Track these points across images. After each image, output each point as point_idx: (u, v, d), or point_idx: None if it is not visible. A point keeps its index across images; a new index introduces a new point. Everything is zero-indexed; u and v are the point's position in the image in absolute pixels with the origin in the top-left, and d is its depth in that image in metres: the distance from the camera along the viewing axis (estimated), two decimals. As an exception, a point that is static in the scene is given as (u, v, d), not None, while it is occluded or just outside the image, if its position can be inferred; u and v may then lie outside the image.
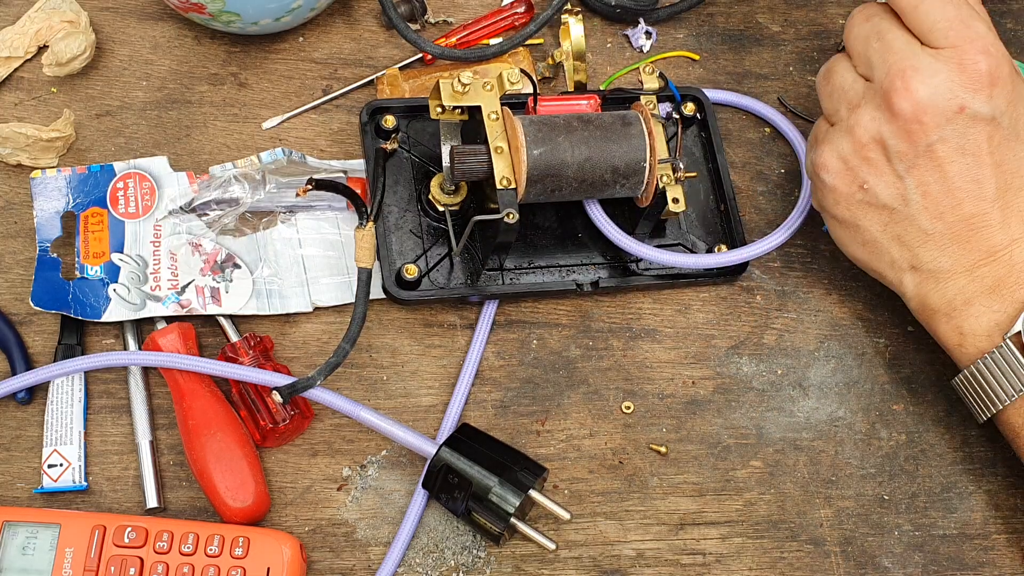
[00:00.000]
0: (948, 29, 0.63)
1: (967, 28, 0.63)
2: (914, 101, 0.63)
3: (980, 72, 0.62)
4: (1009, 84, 0.63)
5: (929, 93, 0.63)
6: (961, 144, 0.63)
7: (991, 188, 0.63)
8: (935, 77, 0.63)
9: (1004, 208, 0.64)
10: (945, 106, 0.63)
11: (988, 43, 0.63)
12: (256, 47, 0.80)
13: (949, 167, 0.63)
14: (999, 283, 0.64)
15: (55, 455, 0.68)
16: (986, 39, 0.63)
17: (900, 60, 0.64)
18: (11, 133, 0.73)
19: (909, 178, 0.64)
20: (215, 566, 0.63)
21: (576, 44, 0.76)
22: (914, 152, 0.64)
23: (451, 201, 0.71)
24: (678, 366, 0.73)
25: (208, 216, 0.73)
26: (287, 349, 0.71)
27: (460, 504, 0.64)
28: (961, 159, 0.63)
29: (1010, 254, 0.64)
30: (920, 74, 0.63)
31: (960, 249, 0.64)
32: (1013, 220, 0.64)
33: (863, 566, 0.69)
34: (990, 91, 0.62)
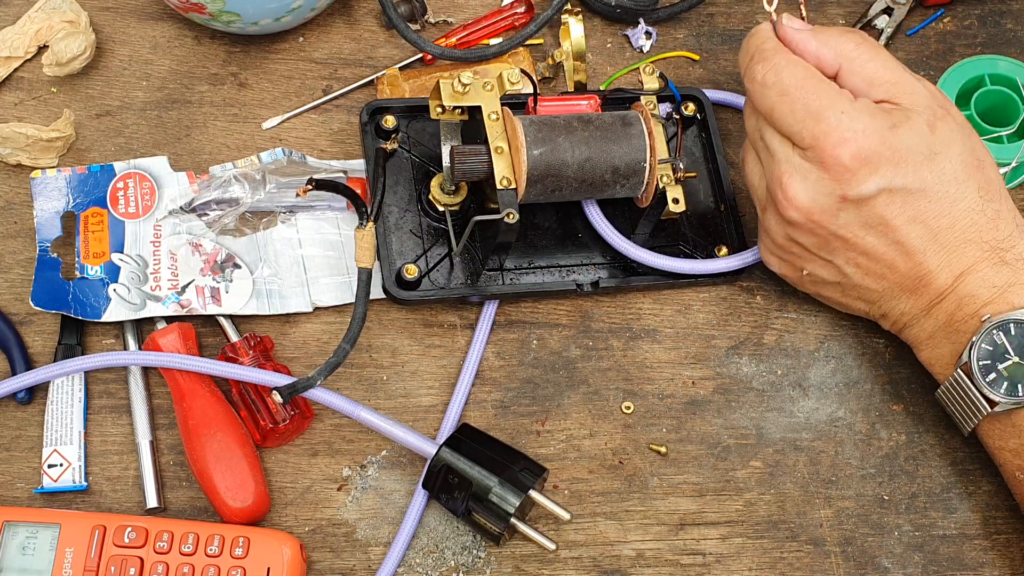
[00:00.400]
0: (802, 130, 0.63)
1: (818, 123, 0.62)
2: (797, 207, 0.64)
3: (843, 164, 0.62)
4: (885, 153, 0.62)
5: (807, 196, 0.64)
6: (863, 222, 0.63)
7: (917, 243, 0.64)
8: (807, 179, 0.63)
9: (939, 251, 0.64)
10: (827, 202, 0.63)
11: (842, 130, 0.62)
12: (256, 47, 0.80)
13: (863, 243, 0.64)
14: (952, 317, 0.64)
15: (55, 455, 0.68)
16: (839, 128, 0.62)
17: (777, 167, 0.65)
18: (11, 133, 0.73)
19: (836, 259, 0.66)
20: (215, 566, 0.63)
21: (576, 44, 0.76)
22: (824, 242, 0.65)
23: (451, 201, 0.71)
24: (678, 366, 0.73)
25: (208, 216, 0.73)
26: (287, 349, 0.71)
27: (460, 504, 0.64)
28: (872, 233, 0.64)
29: (956, 290, 0.64)
30: (794, 179, 0.64)
31: (913, 298, 0.65)
32: (952, 259, 0.64)
33: (863, 566, 0.69)
34: (865, 171, 0.62)
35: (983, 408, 0.64)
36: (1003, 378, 0.63)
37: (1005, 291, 0.63)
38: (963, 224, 0.63)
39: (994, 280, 0.63)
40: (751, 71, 0.66)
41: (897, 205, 0.63)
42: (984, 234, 0.63)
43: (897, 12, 0.82)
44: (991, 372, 0.63)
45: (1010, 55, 0.79)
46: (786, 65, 0.64)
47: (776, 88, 0.64)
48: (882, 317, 0.68)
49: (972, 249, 0.63)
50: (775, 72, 0.64)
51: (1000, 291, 0.63)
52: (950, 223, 0.63)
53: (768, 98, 0.65)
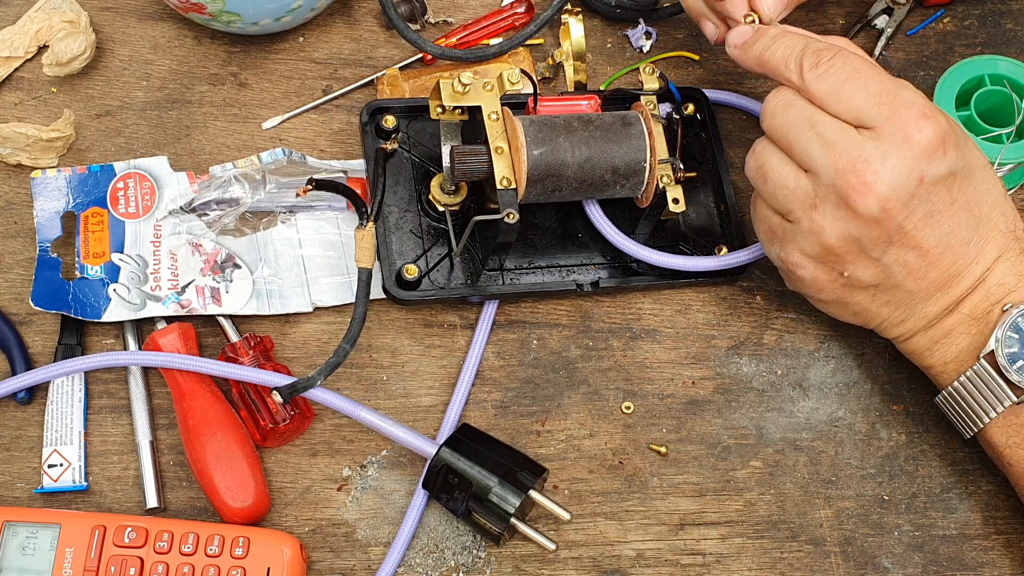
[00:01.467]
0: (879, 104, 0.61)
1: (896, 98, 0.61)
2: (876, 195, 0.61)
3: (928, 139, 0.61)
4: (952, 134, 0.62)
5: (888, 180, 0.61)
6: (928, 210, 0.62)
7: (964, 232, 0.63)
8: (887, 162, 0.60)
9: (977, 241, 0.64)
10: (906, 186, 0.61)
11: (923, 106, 0.61)
12: (256, 47, 0.80)
13: (921, 236, 0.63)
14: (975, 309, 0.64)
15: (55, 455, 0.68)
16: (919, 103, 0.61)
17: (844, 153, 0.61)
18: (11, 133, 0.73)
19: (887, 258, 0.63)
20: (215, 566, 0.63)
21: (576, 44, 0.76)
22: (886, 237, 0.63)
23: (451, 201, 0.71)
24: (678, 366, 0.73)
25: (208, 216, 0.73)
26: (287, 349, 0.71)
27: (460, 504, 0.64)
28: (931, 223, 0.63)
29: (985, 282, 0.64)
30: (871, 164, 0.61)
31: (944, 295, 0.65)
32: (986, 248, 0.64)
33: (863, 566, 0.69)
34: (943, 151, 0.61)
35: (1007, 398, 0.63)
36: None
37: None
38: (996, 212, 0.64)
39: (1019, 267, 0.64)
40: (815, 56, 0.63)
41: (956, 189, 0.62)
42: (1010, 222, 0.64)
43: (897, 12, 0.82)
44: (1018, 359, 0.62)
45: (1010, 55, 0.79)
46: (854, 51, 0.64)
47: (847, 67, 0.62)
48: (901, 323, 0.66)
49: (1001, 238, 0.64)
50: (843, 56, 0.63)
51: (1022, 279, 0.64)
52: (987, 212, 0.64)
53: (837, 77, 0.62)
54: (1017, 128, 0.74)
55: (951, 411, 0.67)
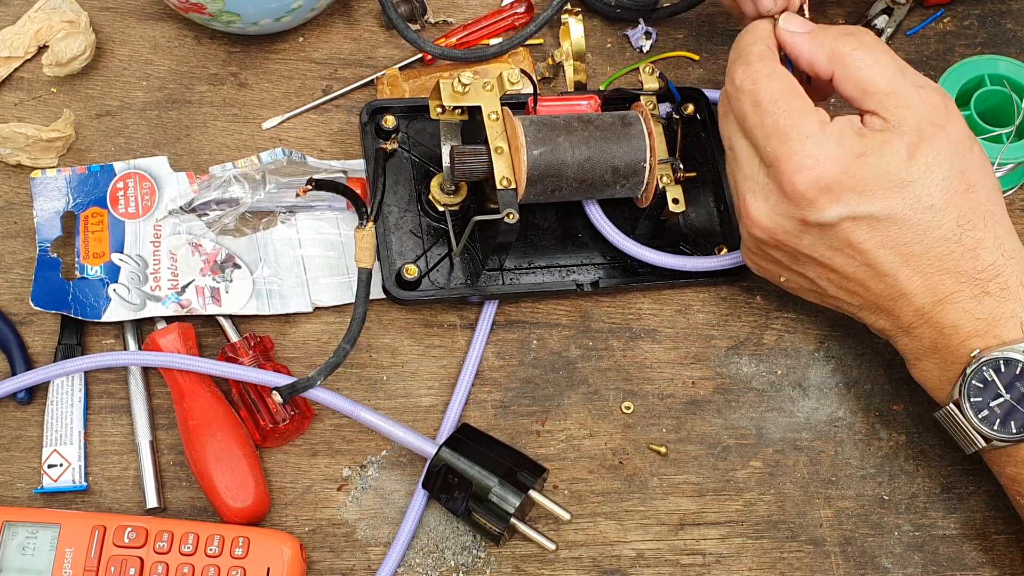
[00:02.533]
0: (767, 147, 0.61)
1: (782, 144, 0.60)
2: (760, 226, 0.63)
3: (800, 191, 0.60)
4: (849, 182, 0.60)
5: (768, 217, 0.62)
6: (829, 244, 0.62)
7: (889, 267, 0.61)
8: (768, 199, 0.62)
9: (913, 276, 0.61)
10: (787, 224, 0.62)
11: (804, 156, 0.60)
12: (256, 47, 0.80)
13: (832, 262, 0.62)
14: (935, 344, 0.63)
15: (55, 455, 0.68)
16: (802, 152, 0.60)
17: (742, 181, 0.63)
18: (11, 133, 0.73)
19: (809, 272, 0.64)
20: (215, 566, 0.63)
21: (576, 44, 0.76)
22: (793, 258, 0.64)
23: (451, 201, 0.71)
24: (678, 366, 0.73)
25: (208, 216, 0.73)
26: (287, 349, 0.71)
27: (460, 504, 0.64)
28: (840, 255, 0.62)
29: (935, 317, 0.62)
30: (756, 198, 0.62)
31: (889, 316, 0.64)
32: (928, 284, 0.61)
33: (863, 566, 0.69)
34: (826, 199, 0.60)
35: (978, 443, 0.62)
36: (995, 415, 0.61)
37: (991, 324, 0.60)
38: (938, 252, 0.61)
39: (976, 312, 0.61)
40: (732, 72, 0.64)
41: (864, 231, 0.61)
42: (961, 263, 0.61)
43: (897, 12, 0.82)
44: (983, 409, 0.61)
45: (1010, 55, 0.79)
46: (765, 75, 0.62)
47: (751, 97, 0.62)
48: (866, 324, 0.67)
49: (949, 279, 0.61)
50: (752, 80, 0.62)
51: (986, 323, 0.61)
52: (923, 249, 0.61)
53: (743, 105, 0.63)
54: (1017, 128, 0.74)
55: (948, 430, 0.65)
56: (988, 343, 0.61)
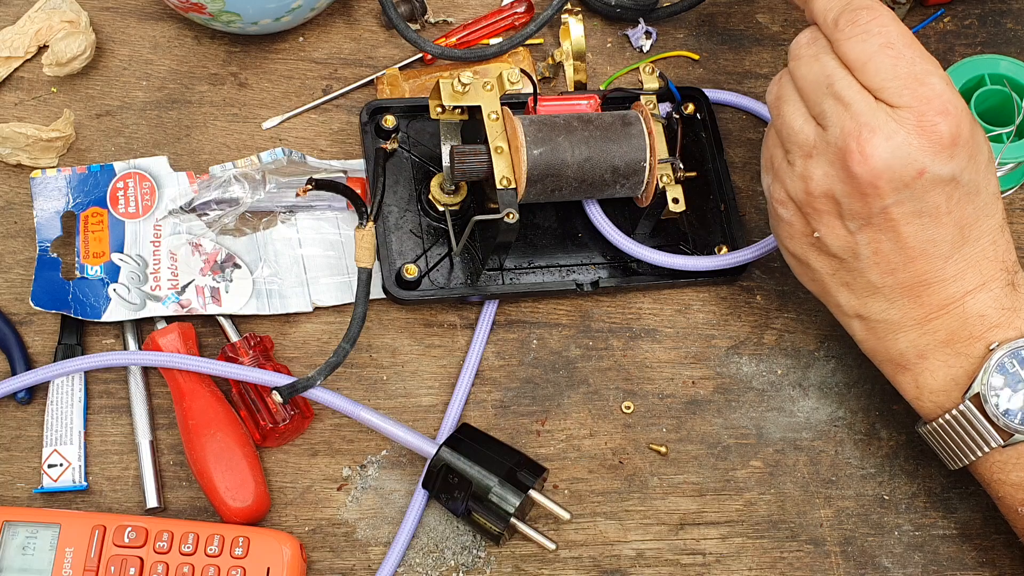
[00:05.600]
0: (903, 88, 0.59)
1: (922, 86, 0.59)
2: (871, 167, 0.59)
3: (940, 134, 0.58)
4: (970, 141, 0.59)
5: (886, 158, 0.59)
6: (918, 207, 0.60)
7: (947, 246, 0.61)
8: (892, 139, 0.58)
9: (961, 261, 0.61)
10: (903, 171, 0.59)
11: (946, 101, 0.59)
12: (256, 47, 0.80)
13: (904, 228, 0.60)
14: (952, 336, 0.61)
15: (55, 455, 0.68)
16: (943, 96, 0.59)
17: (856, 118, 0.59)
18: (11, 133, 0.73)
19: (861, 235, 0.61)
20: (215, 566, 0.63)
21: (576, 44, 0.76)
22: (868, 213, 0.61)
23: (451, 201, 0.71)
24: (678, 366, 0.73)
25: (208, 216, 0.73)
26: (287, 349, 0.71)
27: (460, 504, 0.64)
28: (917, 221, 0.60)
29: (963, 306, 0.61)
30: (876, 136, 0.59)
31: (911, 303, 0.62)
32: (969, 272, 0.61)
33: (863, 566, 0.69)
34: (951, 152, 0.59)
35: (992, 441, 0.61)
36: (1019, 408, 0.60)
37: (1014, 314, 0.61)
38: (988, 239, 0.61)
39: (1004, 302, 0.61)
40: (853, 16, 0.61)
41: (955, 199, 0.60)
42: (1001, 254, 0.62)
43: (897, 12, 0.82)
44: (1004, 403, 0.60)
45: (1010, 55, 0.79)
46: (894, 19, 0.61)
47: (882, 37, 0.60)
48: (858, 318, 0.64)
49: (988, 266, 0.61)
50: (882, 23, 0.60)
51: (1009, 313, 0.61)
52: (978, 235, 0.61)
53: (868, 46, 0.60)
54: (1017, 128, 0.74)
55: (935, 444, 0.65)
56: (1008, 335, 0.61)
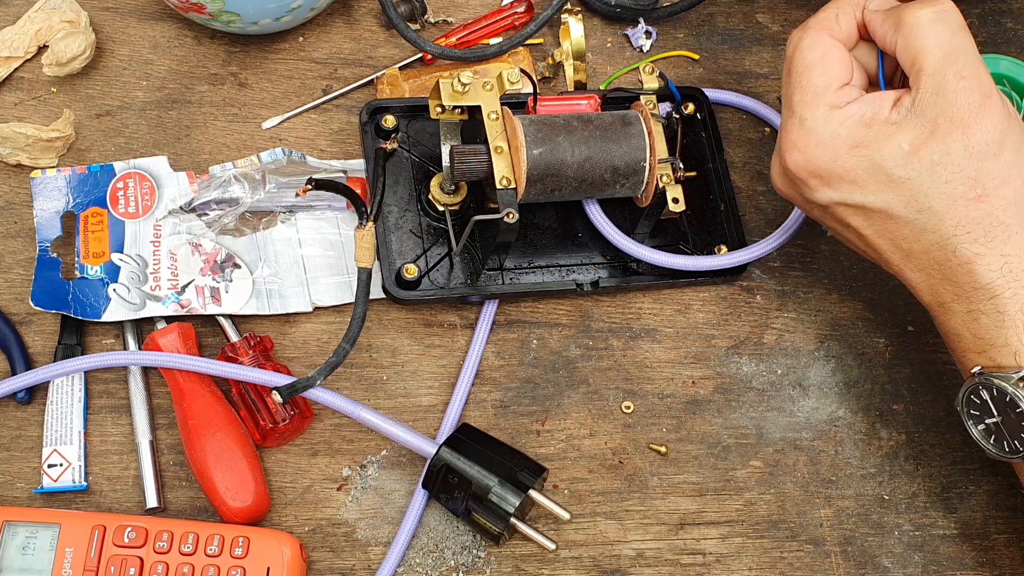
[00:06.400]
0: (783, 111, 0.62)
1: (787, 119, 0.62)
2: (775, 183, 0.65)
3: (788, 167, 0.61)
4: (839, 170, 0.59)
5: (779, 182, 0.65)
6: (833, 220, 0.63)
7: (891, 256, 0.61)
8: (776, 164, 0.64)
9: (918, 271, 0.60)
10: (792, 195, 0.64)
11: (796, 138, 0.60)
12: (256, 47, 0.80)
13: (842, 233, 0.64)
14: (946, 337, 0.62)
15: (55, 455, 0.68)
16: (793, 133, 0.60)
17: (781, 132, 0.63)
18: (11, 133, 0.73)
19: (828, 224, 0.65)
20: (215, 566, 0.63)
21: (576, 44, 0.76)
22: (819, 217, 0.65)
23: (451, 201, 0.71)
24: (678, 366, 0.73)
25: (208, 216, 0.73)
26: (287, 349, 0.71)
27: (460, 504, 0.64)
28: (846, 230, 0.62)
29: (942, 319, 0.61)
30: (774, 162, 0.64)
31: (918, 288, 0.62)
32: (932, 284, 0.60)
33: (863, 566, 0.69)
34: (816, 182, 0.60)
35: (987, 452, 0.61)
36: (991, 431, 0.60)
37: (988, 345, 0.58)
38: (934, 256, 0.59)
39: (972, 328, 0.59)
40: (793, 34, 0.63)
41: (860, 217, 0.60)
42: (955, 275, 0.58)
43: (897, 12, 0.82)
44: (980, 423, 0.60)
45: (1010, 54, 0.79)
46: (806, 44, 0.61)
47: (787, 62, 0.62)
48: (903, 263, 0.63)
49: (947, 287, 0.59)
50: (793, 45, 0.62)
51: (983, 344, 0.58)
52: (921, 249, 0.59)
53: (785, 66, 0.63)
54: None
55: None
56: (986, 363, 0.59)
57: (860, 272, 0.76)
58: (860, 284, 0.75)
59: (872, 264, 0.75)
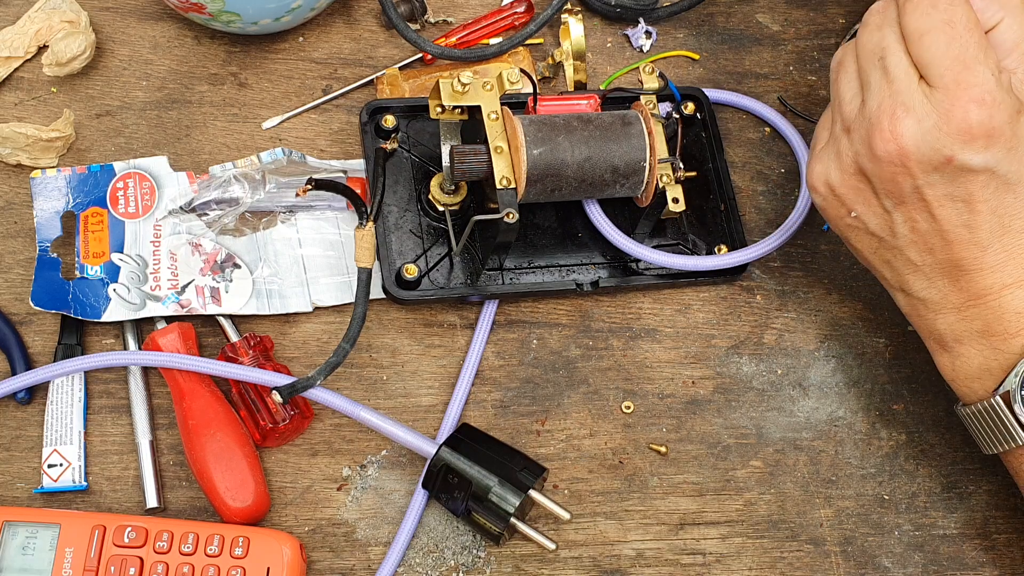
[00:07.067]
0: (945, 69, 0.58)
1: (965, 71, 0.57)
2: (897, 146, 0.59)
3: (969, 123, 0.57)
4: (1007, 133, 0.58)
5: (914, 140, 0.58)
6: (950, 192, 0.59)
7: (985, 234, 0.60)
8: (922, 123, 0.58)
9: (1001, 251, 0.60)
10: (931, 155, 0.58)
11: (985, 91, 0.57)
12: (256, 47, 0.80)
13: (938, 211, 0.60)
14: (988, 328, 0.61)
15: (55, 455, 0.68)
16: (983, 86, 0.57)
17: (892, 96, 0.59)
18: (11, 133, 0.73)
19: (896, 213, 0.61)
20: (215, 566, 0.63)
21: (576, 44, 0.76)
22: (899, 193, 0.60)
23: (451, 201, 0.71)
24: (678, 366, 0.73)
25: (208, 216, 0.73)
26: (287, 349, 0.71)
27: (460, 504, 0.64)
28: (951, 204, 0.60)
29: (999, 299, 0.60)
30: (908, 118, 0.58)
31: (949, 286, 0.62)
32: (1009, 264, 0.60)
33: (863, 566, 0.69)
34: (983, 143, 0.57)
35: (1019, 439, 0.60)
36: None
37: None
38: None
39: None
40: None
41: (991, 189, 0.59)
42: None
43: (897, 12, 0.82)
44: None
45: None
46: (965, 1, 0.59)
47: (945, 15, 0.59)
48: (902, 292, 0.64)
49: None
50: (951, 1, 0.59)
51: None
52: (1022, 227, 0.59)
53: (930, 20, 0.58)
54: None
55: (969, 427, 0.64)
56: None
57: (860, 272, 0.76)
58: (860, 284, 0.75)
59: (872, 264, 0.75)
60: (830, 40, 0.83)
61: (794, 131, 0.78)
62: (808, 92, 0.81)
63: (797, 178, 0.78)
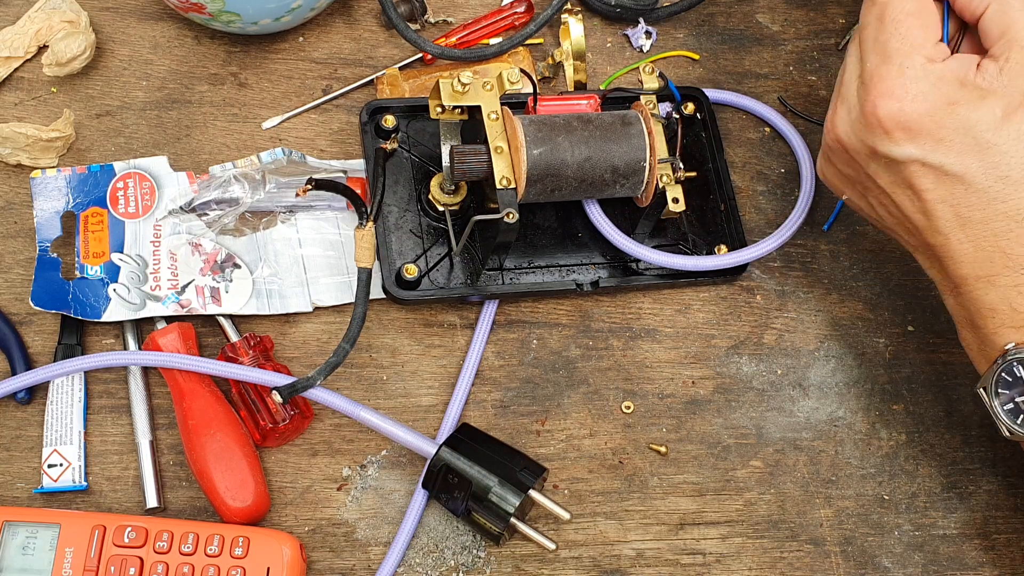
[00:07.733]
0: (868, 61, 0.59)
1: (882, 64, 0.59)
2: (835, 136, 0.62)
3: (878, 116, 0.58)
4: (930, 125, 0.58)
5: (844, 131, 0.61)
6: (894, 179, 0.60)
7: (942, 223, 0.59)
8: (850, 114, 0.61)
9: (966, 242, 0.59)
10: (858, 146, 0.60)
11: (894, 84, 0.58)
12: (256, 47, 0.80)
13: (895, 197, 0.61)
14: (972, 319, 0.61)
15: (55, 455, 0.68)
16: (893, 80, 0.58)
17: (839, 87, 0.62)
18: (11, 133, 0.73)
19: (870, 197, 0.63)
20: (215, 566, 0.63)
21: (576, 44, 0.76)
22: (860, 179, 0.62)
23: (451, 201, 0.71)
24: (678, 366, 0.73)
25: (208, 216, 0.73)
26: (287, 349, 0.71)
27: (460, 504, 0.64)
28: (901, 192, 0.60)
29: (975, 291, 0.60)
30: (841, 109, 0.61)
31: (940, 269, 0.62)
32: (979, 257, 0.59)
33: (863, 566, 0.69)
34: (902, 135, 0.58)
35: (1003, 430, 0.60)
36: (1020, 410, 0.59)
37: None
38: (996, 227, 0.58)
39: (1016, 303, 0.58)
40: None
41: (929, 180, 0.59)
42: (1015, 247, 0.58)
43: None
44: (1009, 402, 0.60)
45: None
46: None
47: (879, 8, 0.60)
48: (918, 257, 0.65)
49: (999, 258, 0.59)
50: None
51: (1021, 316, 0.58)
52: (983, 219, 0.58)
53: (869, 14, 0.61)
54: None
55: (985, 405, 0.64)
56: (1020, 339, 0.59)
57: (860, 272, 0.76)
58: (860, 284, 0.75)
59: (872, 264, 0.75)
60: (830, 40, 0.83)
61: (794, 131, 0.78)
62: (808, 92, 0.81)
63: (797, 178, 0.78)
